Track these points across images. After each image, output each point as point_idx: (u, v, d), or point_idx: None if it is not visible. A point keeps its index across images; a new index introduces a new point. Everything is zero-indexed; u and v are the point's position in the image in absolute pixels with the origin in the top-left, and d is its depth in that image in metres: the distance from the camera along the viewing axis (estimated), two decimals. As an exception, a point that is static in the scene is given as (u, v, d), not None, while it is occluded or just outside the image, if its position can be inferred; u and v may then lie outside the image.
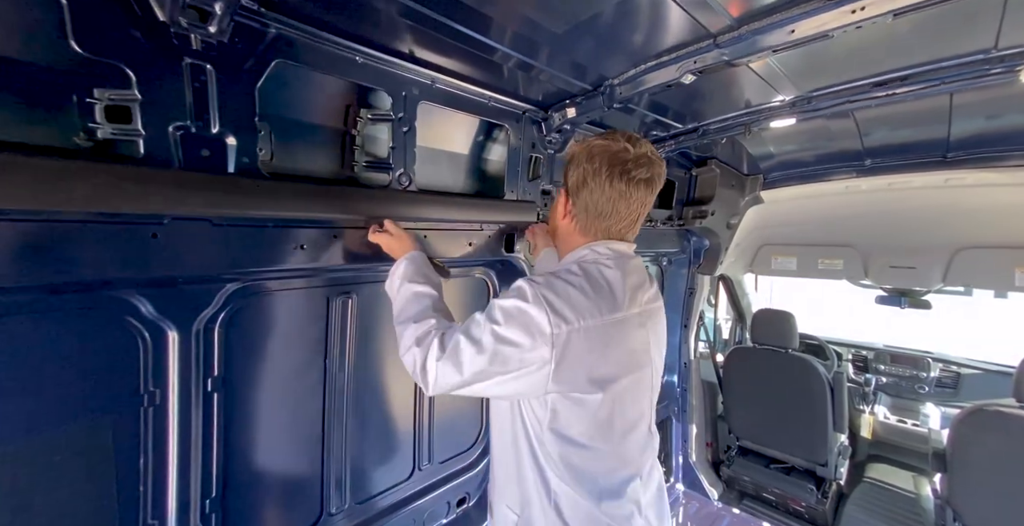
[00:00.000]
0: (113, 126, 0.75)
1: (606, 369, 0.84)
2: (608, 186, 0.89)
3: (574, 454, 0.85)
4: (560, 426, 0.84)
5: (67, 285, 0.75)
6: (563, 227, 1.00)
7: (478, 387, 0.81)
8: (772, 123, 1.78)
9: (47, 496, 0.79)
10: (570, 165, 0.95)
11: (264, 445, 1.14)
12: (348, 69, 1.04)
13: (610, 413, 0.85)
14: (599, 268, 0.89)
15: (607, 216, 0.93)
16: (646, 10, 0.97)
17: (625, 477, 0.90)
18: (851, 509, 2.61)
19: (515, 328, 0.79)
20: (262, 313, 1.09)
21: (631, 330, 0.89)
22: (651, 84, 1.28)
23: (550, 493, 0.87)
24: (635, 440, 0.92)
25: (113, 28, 0.72)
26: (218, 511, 1.02)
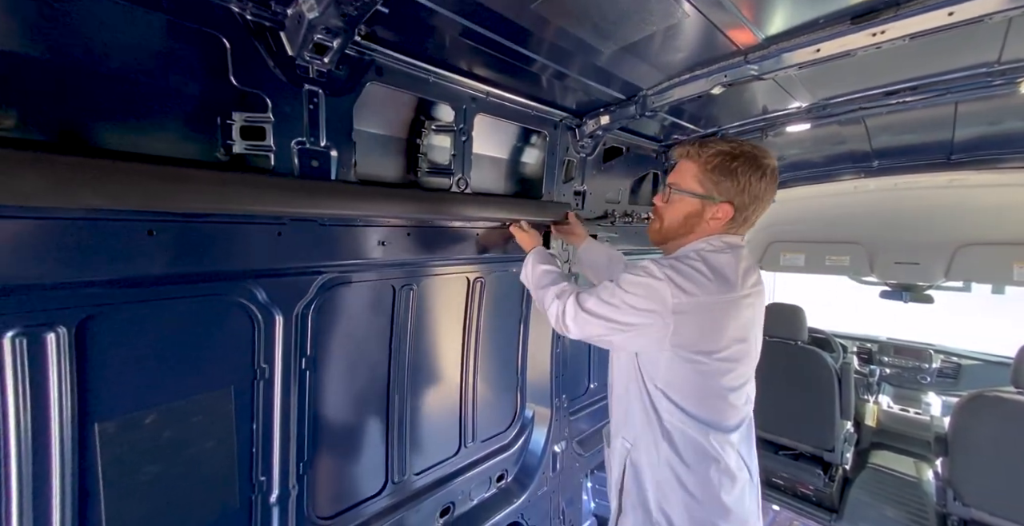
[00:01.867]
0: (247, 143, 0.89)
1: (717, 338, 0.96)
2: (767, 194, 1.05)
3: (684, 400, 1.00)
4: (673, 379, 0.99)
5: (209, 274, 0.89)
6: (703, 230, 1.08)
7: (608, 337, 0.99)
8: (788, 128, 1.90)
9: (190, 447, 0.93)
10: (730, 174, 1.02)
11: (341, 419, 1.28)
12: (422, 87, 1.17)
13: (715, 375, 0.98)
14: (715, 256, 1.00)
15: (749, 218, 1.07)
16: (686, 29, 1.10)
17: (728, 419, 1.03)
18: (856, 492, 2.74)
19: (641, 296, 0.94)
20: (342, 301, 1.23)
21: (742, 309, 0.99)
22: (683, 95, 1.41)
23: (663, 429, 1.02)
24: (735, 398, 1.03)
25: (258, 64, 0.86)
26: (309, 474, 1.16)
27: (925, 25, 0.95)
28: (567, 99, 1.58)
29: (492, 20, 0.98)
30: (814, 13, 1.03)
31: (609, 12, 0.98)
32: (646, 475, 1.07)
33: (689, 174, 1.08)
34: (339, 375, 1.25)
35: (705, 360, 0.96)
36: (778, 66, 1.19)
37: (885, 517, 2.54)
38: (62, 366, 0.73)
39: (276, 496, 1.10)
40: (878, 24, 0.98)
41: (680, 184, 1.09)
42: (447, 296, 1.54)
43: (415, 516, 1.46)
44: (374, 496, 1.38)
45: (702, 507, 1.01)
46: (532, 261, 1.27)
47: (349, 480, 1.31)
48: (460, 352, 1.64)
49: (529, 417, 1.95)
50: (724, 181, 1.02)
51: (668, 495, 1.03)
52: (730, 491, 1.02)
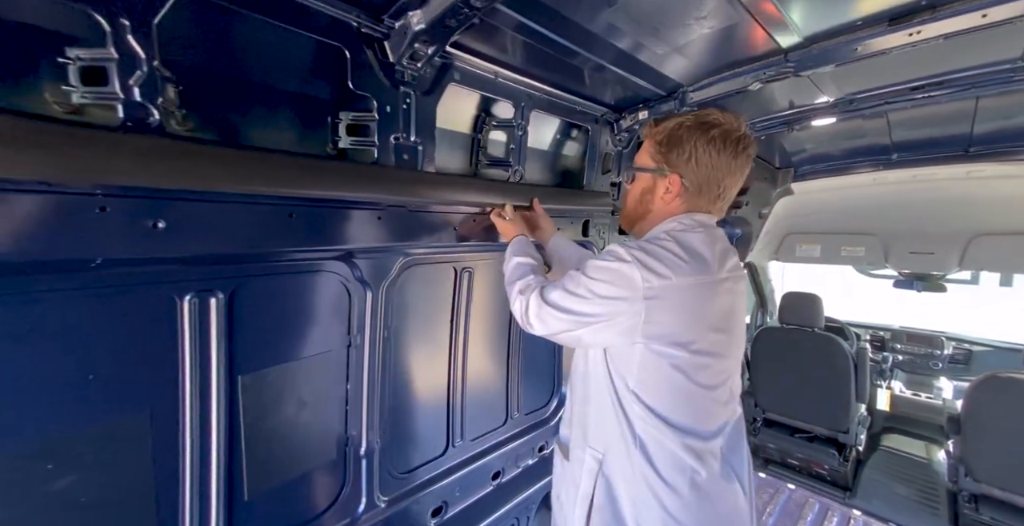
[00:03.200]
0: (352, 138, 1.01)
1: (695, 326, 0.86)
2: (722, 161, 0.92)
3: (659, 403, 0.87)
4: (645, 377, 0.86)
5: (324, 252, 1.01)
6: (659, 207, 0.99)
7: (574, 332, 0.88)
8: (813, 122, 1.98)
9: (304, 402, 1.07)
10: (676, 143, 0.94)
11: (411, 386, 1.40)
12: (489, 86, 1.28)
13: (693, 370, 0.86)
14: (687, 236, 0.90)
15: (712, 191, 0.95)
16: (735, 30, 1.18)
17: (707, 424, 0.91)
18: (868, 472, 2.85)
19: (608, 283, 0.84)
20: (415, 280, 1.35)
21: (720, 293, 0.90)
22: (722, 91, 1.50)
23: (635, 436, 0.89)
24: (716, 397, 0.92)
25: (368, 71, 0.98)
26: (388, 432, 1.29)
27: (959, 26, 1.03)
28: (608, 95, 1.68)
29: (564, 26, 1.08)
30: (854, 15, 1.11)
31: (670, 17, 1.08)
32: (620, 489, 0.92)
33: (645, 151, 1.01)
34: (410, 346, 1.38)
35: (681, 353, 0.84)
36: (816, 64, 1.28)
37: (897, 495, 2.65)
38: (219, 326, 0.86)
39: (364, 450, 1.23)
40: (915, 25, 1.07)
41: (637, 163, 1.03)
42: (497, 280, 1.66)
43: (471, 477, 1.59)
44: (438, 457, 1.51)
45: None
46: (509, 251, 1.14)
47: (418, 440, 1.44)
48: (507, 331, 1.76)
49: (566, 393, 2.07)
50: (671, 152, 0.94)
51: (644, 514, 0.88)
52: (717, 508, 0.89)
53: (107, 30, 0.64)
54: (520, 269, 1.06)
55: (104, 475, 0.78)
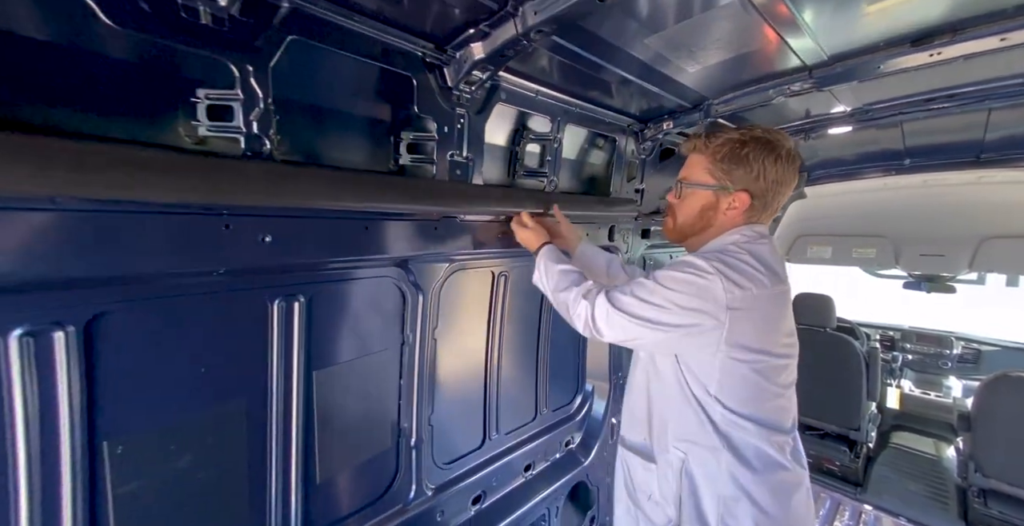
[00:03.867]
0: (411, 156, 1.09)
1: (774, 334, 0.90)
2: (787, 178, 0.97)
3: (743, 405, 0.90)
4: (728, 382, 0.89)
5: (388, 259, 1.09)
6: (721, 222, 1.01)
7: (648, 338, 0.89)
8: (829, 131, 2.04)
9: (368, 394, 1.16)
10: (741, 161, 0.96)
11: (453, 382, 1.49)
12: (531, 103, 1.36)
13: (773, 373, 0.91)
14: (756, 247, 0.93)
15: (774, 205, 1.00)
16: (763, 49, 1.25)
17: (786, 419, 0.98)
18: (878, 468, 2.90)
19: (689, 295, 0.85)
20: (458, 285, 1.43)
21: (787, 300, 0.96)
22: (746, 104, 1.57)
23: (721, 436, 0.92)
24: (791, 395, 0.99)
25: (431, 95, 1.07)
26: (433, 425, 1.38)
27: (979, 48, 1.09)
28: (635, 107, 1.75)
29: (601, 47, 1.15)
30: (878, 36, 1.18)
31: (704, 40, 1.15)
32: (705, 489, 0.95)
33: (699, 167, 1.02)
34: (453, 345, 1.46)
35: (764, 358, 0.88)
36: (839, 81, 1.34)
37: (907, 490, 2.71)
38: (300, 326, 0.96)
39: (414, 441, 1.32)
40: (936, 47, 1.13)
41: (691, 178, 1.03)
42: (529, 282, 1.74)
43: (505, 469, 1.68)
44: (476, 449, 1.59)
45: (773, 522, 0.91)
46: (546, 259, 1.12)
47: (459, 433, 1.53)
48: (536, 331, 1.84)
49: (590, 391, 2.15)
50: (736, 169, 0.96)
51: (734, 510, 0.91)
52: (798, 499, 0.94)
53: (236, 75, 0.73)
54: (569, 276, 1.05)
55: (211, 454, 0.89)
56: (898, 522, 2.40)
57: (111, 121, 0.70)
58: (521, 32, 0.94)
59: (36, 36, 0.63)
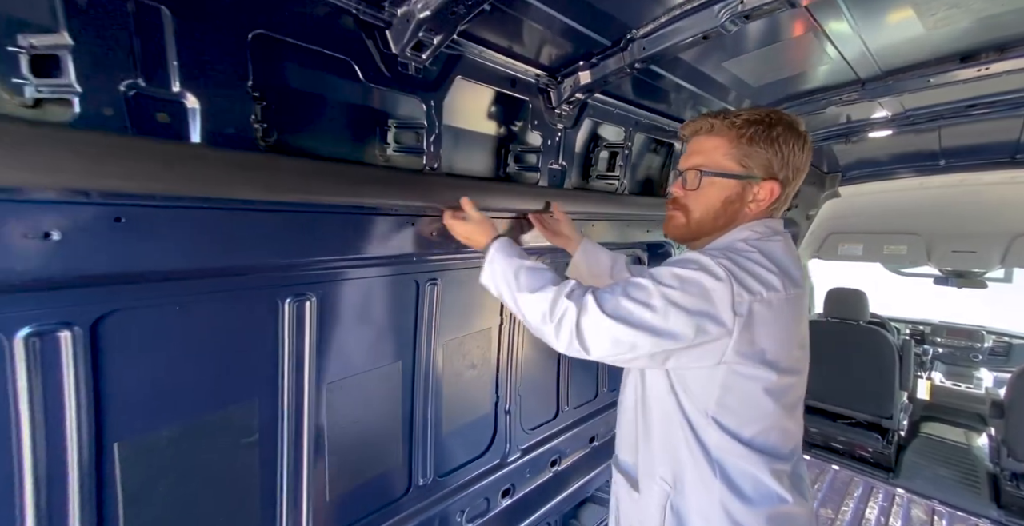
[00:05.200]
0: (517, 165, 1.28)
1: (785, 345, 0.76)
2: (807, 164, 0.84)
3: (743, 428, 0.77)
4: (729, 401, 0.75)
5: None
6: (743, 218, 0.85)
7: (642, 350, 0.71)
8: (870, 134, 2.15)
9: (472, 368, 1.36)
10: (769, 144, 0.80)
11: (532, 360, 1.66)
12: (609, 116, 1.53)
13: (781, 391, 0.76)
14: (768, 245, 0.79)
15: (790, 198, 0.87)
16: (823, 66, 1.38)
17: (788, 445, 0.83)
18: (910, 455, 2.99)
19: (692, 294, 0.70)
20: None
21: (802, 305, 0.81)
22: (799, 113, 1.71)
23: (713, 465, 0.78)
24: (797, 416, 0.84)
25: (539, 113, 1.27)
26: (517, 397, 1.57)
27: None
28: (688, 115, 1.90)
29: (687, 71, 1.32)
30: (930, 53, 1.31)
31: (774, 61, 1.30)
32: (695, 524, 0.81)
33: (719, 151, 0.83)
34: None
35: (770, 374, 0.74)
36: (889, 92, 1.48)
37: (939, 475, 2.79)
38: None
39: (508, 408, 1.51)
40: (983, 63, 1.26)
41: (709, 165, 0.83)
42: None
43: (574, 439, 1.86)
44: (550, 420, 1.78)
45: None
46: (503, 256, 0.89)
47: (538, 405, 1.73)
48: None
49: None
50: (763, 153, 0.80)
51: None
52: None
53: (423, 108, 0.94)
54: (542, 274, 0.83)
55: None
56: (930, 504, 2.50)
57: (337, 145, 0.91)
58: (627, 63, 1.12)
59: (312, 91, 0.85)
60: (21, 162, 0.53)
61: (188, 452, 0.84)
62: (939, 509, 2.45)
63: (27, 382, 0.64)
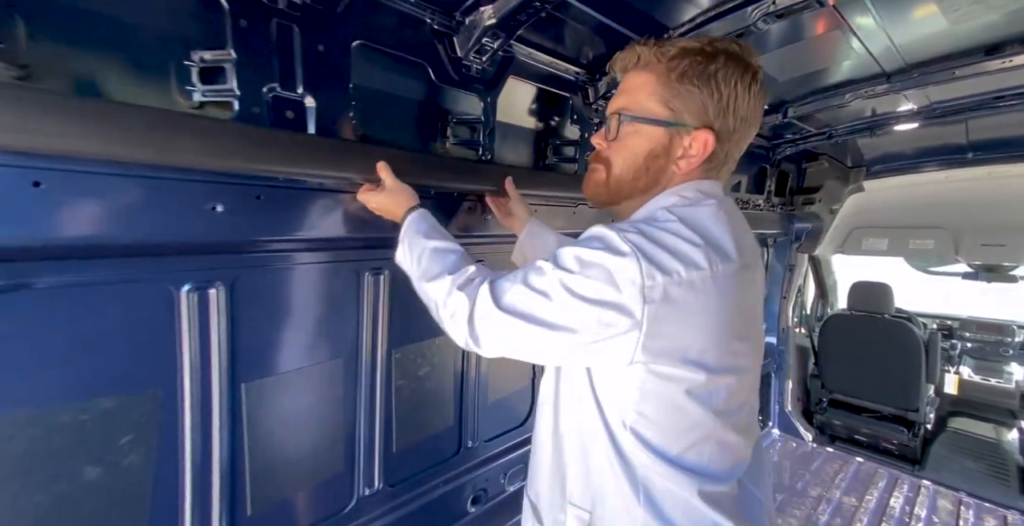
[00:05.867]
0: (556, 157, 1.39)
1: (715, 336, 0.61)
2: (758, 112, 0.67)
3: (667, 442, 0.64)
4: (649, 410, 0.62)
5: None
6: (670, 178, 0.69)
7: (540, 348, 0.62)
8: (895, 127, 2.18)
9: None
10: (706, 81, 0.63)
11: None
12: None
13: (714, 392, 0.63)
14: (694, 211, 0.64)
15: (736, 154, 0.70)
16: (849, 59, 1.44)
17: (726, 461, 0.68)
18: (937, 448, 2.97)
19: (593, 278, 0.58)
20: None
21: (743, 287, 0.64)
22: (822, 106, 1.76)
23: (637, 487, 0.65)
24: (740, 424, 0.68)
25: (578, 109, 1.38)
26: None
27: (1048, 57, 1.26)
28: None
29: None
30: (956, 46, 1.35)
31: (803, 55, 1.37)
32: None
33: (645, 90, 0.66)
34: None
35: (695, 374, 0.60)
36: (915, 85, 1.52)
37: (966, 468, 2.77)
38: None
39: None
40: (1008, 56, 1.31)
41: (632, 107, 0.67)
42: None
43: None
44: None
45: None
46: (412, 232, 0.78)
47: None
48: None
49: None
50: (696, 93, 0.64)
51: None
52: None
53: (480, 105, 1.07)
54: (444, 256, 0.72)
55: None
56: (957, 495, 2.49)
57: (406, 136, 1.04)
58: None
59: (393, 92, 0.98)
60: (192, 148, 0.67)
61: (293, 396, 0.98)
62: (966, 500, 2.44)
63: (187, 325, 0.79)
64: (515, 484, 1.53)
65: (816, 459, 3.12)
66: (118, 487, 0.75)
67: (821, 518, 2.33)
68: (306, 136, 0.82)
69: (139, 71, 0.69)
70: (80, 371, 0.71)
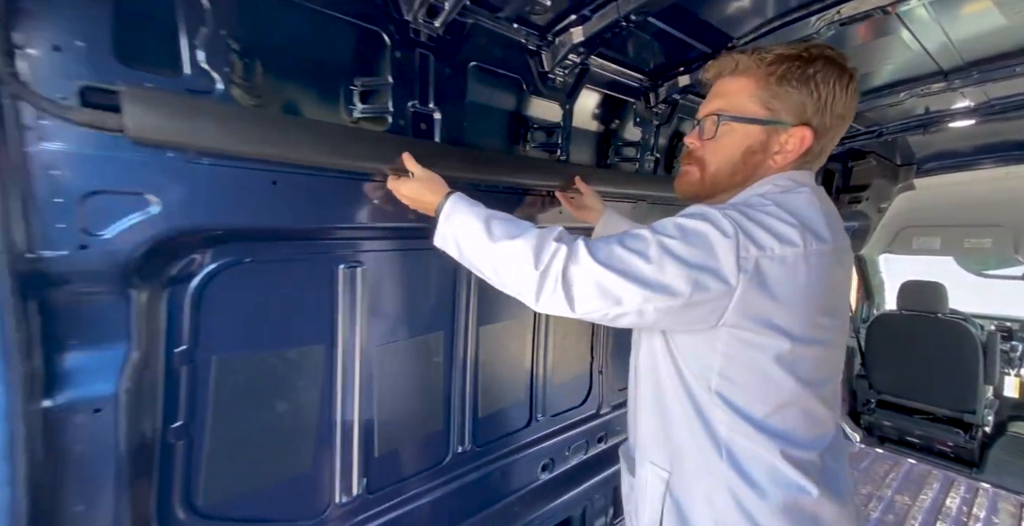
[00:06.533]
0: (617, 157, 1.51)
1: (802, 307, 0.64)
2: (852, 111, 0.71)
3: (752, 405, 0.66)
4: (734, 372, 0.65)
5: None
6: (767, 171, 0.73)
7: (632, 307, 0.62)
8: (951, 124, 2.15)
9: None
10: (804, 83, 0.68)
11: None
12: (693, 113, 1.72)
13: (799, 361, 0.65)
14: (788, 197, 0.67)
15: (830, 150, 0.74)
16: (903, 59, 1.46)
17: (811, 430, 0.69)
18: (996, 452, 2.84)
19: (693, 245, 0.61)
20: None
21: (833, 267, 0.66)
22: (877, 104, 1.79)
23: (720, 446, 0.67)
24: (825, 396, 0.69)
25: (640, 113, 1.50)
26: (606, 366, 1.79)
27: (1113, 53, 1.27)
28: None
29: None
30: (1012, 44, 1.38)
31: (860, 55, 1.42)
32: (697, 514, 0.70)
33: (743, 93, 0.71)
34: None
35: (782, 342, 0.63)
36: (974, 83, 1.54)
37: (1029, 473, 2.65)
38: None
39: (600, 369, 1.74)
40: (1072, 52, 1.32)
41: (730, 108, 0.72)
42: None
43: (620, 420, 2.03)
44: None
45: None
46: (462, 205, 0.77)
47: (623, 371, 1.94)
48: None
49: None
50: (796, 94, 0.68)
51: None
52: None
53: (560, 112, 1.19)
54: (513, 222, 0.72)
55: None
56: (1020, 499, 2.40)
57: (492, 140, 1.20)
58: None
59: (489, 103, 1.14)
60: (349, 154, 0.84)
61: (409, 361, 1.16)
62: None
63: (341, 296, 0.98)
64: (577, 457, 1.65)
65: (864, 459, 3.05)
66: (296, 419, 0.95)
67: (872, 514, 2.30)
68: (436, 143, 0.99)
69: (321, 95, 0.89)
70: (274, 327, 0.90)
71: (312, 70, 0.87)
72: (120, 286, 0.64)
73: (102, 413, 0.63)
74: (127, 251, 0.63)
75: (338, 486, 1.02)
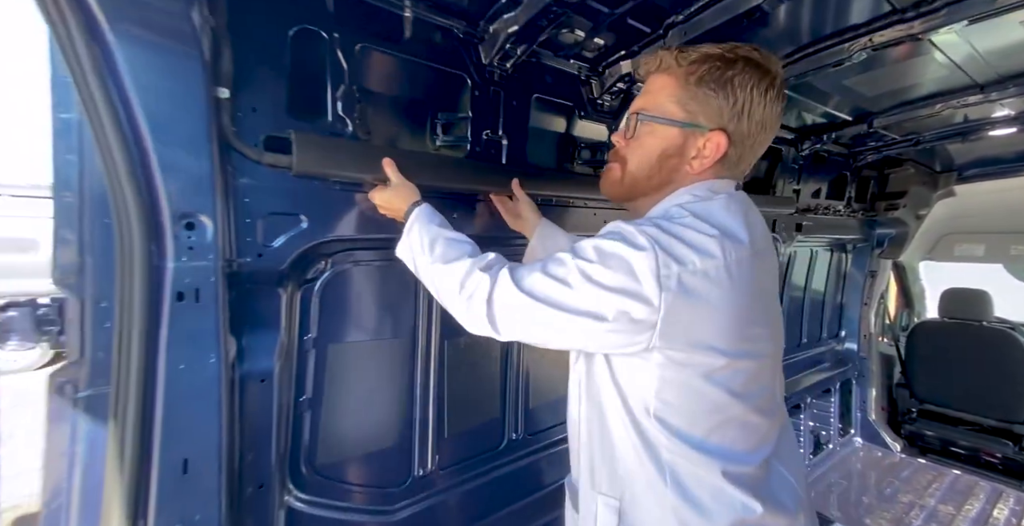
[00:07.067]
0: None
1: (731, 322, 0.63)
2: (775, 118, 0.69)
3: (690, 426, 0.65)
4: (671, 397, 0.64)
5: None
6: (683, 178, 0.71)
7: (558, 333, 0.63)
8: (991, 132, 2.13)
9: None
10: (723, 85, 0.66)
11: None
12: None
13: (734, 375, 0.64)
14: (706, 205, 0.66)
15: (750, 158, 0.72)
16: (936, 74, 1.50)
17: (749, 442, 0.68)
18: (1050, 466, 2.72)
19: (612, 268, 0.60)
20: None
21: (757, 273, 0.66)
22: (909, 116, 1.83)
23: (663, 471, 0.65)
24: (762, 407, 0.69)
25: None
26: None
27: None
28: (799, 123, 2.09)
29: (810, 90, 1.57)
30: (1047, 58, 1.41)
31: (891, 73, 1.49)
32: None
33: (664, 92, 0.70)
34: None
35: (714, 359, 0.62)
36: (1011, 96, 1.57)
37: (1088, 489, 2.53)
38: None
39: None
40: (1111, 65, 1.34)
41: (650, 107, 0.71)
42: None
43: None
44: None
45: None
46: (422, 223, 0.79)
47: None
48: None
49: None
50: (714, 98, 0.67)
51: None
52: None
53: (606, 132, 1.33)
54: (455, 245, 0.74)
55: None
56: (1078, 515, 2.30)
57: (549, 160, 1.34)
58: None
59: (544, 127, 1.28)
60: (435, 177, 1.00)
61: (469, 354, 1.30)
62: (1089, 520, 2.25)
63: (421, 293, 1.15)
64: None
65: (905, 469, 2.96)
66: (386, 400, 1.12)
67: (914, 522, 2.27)
68: (502, 165, 1.15)
69: (412, 129, 1.06)
70: (370, 321, 1.08)
71: (405, 108, 1.05)
72: (277, 285, 0.83)
73: (265, 383, 0.81)
74: (285, 258, 0.82)
75: (416, 460, 1.18)
